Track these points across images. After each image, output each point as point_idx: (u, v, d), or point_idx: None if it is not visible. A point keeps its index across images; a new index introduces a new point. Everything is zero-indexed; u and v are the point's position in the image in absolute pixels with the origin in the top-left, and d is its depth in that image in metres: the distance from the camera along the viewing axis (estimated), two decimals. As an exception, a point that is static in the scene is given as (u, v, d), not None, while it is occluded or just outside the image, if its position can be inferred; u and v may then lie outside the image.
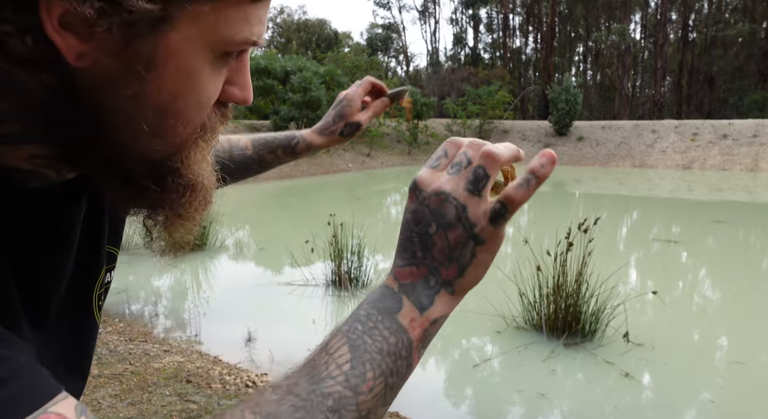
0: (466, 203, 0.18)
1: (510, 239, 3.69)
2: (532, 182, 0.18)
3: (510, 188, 0.18)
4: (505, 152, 0.19)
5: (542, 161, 0.19)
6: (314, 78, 8.58)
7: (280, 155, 0.40)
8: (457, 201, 0.18)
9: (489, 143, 0.19)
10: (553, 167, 0.18)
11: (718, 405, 1.32)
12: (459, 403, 1.38)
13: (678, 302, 2.20)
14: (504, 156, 0.19)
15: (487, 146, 0.19)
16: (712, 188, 7.17)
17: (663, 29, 18.62)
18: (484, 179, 0.18)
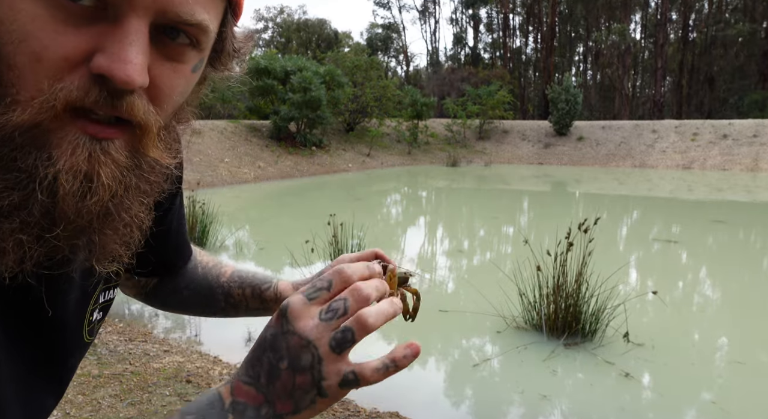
0: (324, 358, 0.18)
1: (510, 239, 3.67)
2: (390, 368, 0.19)
3: (367, 369, 0.18)
4: (378, 322, 0.18)
5: (406, 353, 0.19)
6: (314, 78, 8.49)
7: (247, 296, 0.33)
8: (317, 353, 0.18)
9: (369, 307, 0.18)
10: (414, 360, 0.19)
11: (719, 404, 1.33)
12: (459, 403, 1.38)
13: (678, 302, 2.20)
14: (376, 326, 0.18)
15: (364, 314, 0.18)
16: (712, 188, 7.17)
17: (663, 29, 18.62)
18: (350, 342, 0.18)
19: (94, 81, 0.15)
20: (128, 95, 0.16)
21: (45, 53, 0.15)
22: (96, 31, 0.15)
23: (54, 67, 0.15)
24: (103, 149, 0.16)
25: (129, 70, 0.15)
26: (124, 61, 0.15)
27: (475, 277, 2.55)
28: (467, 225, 4.33)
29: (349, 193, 6.41)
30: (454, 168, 9.95)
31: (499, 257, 2.96)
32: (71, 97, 0.15)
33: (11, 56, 0.15)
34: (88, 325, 0.25)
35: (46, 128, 0.15)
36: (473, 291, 2.09)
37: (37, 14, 0.15)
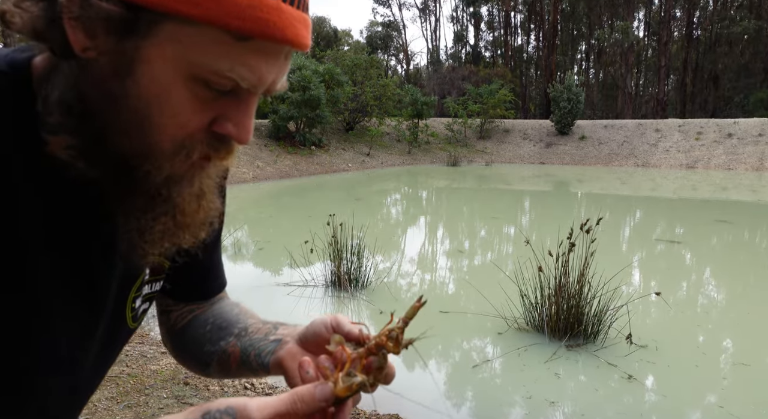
0: None
1: (511, 239, 3.65)
2: None
3: None
4: None
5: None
6: (313, 77, 8.45)
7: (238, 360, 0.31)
8: None
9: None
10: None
11: (724, 407, 1.31)
12: (460, 405, 1.37)
13: (682, 303, 2.17)
14: None
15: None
16: (717, 188, 7.11)
17: (667, 27, 18.46)
18: None
19: (217, 137, 0.22)
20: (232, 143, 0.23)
21: (189, 124, 0.21)
22: (223, 103, 0.21)
23: (192, 132, 0.21)
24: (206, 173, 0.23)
25: (248, 136, 0.22)
26: (247, 130, 0.22)
27: (475, 278, 2.53)
28: (468, 225, 4.30)
29: (349, 193, 6.40)
30: (454, 168, 9.92)
31: (500, 258, 2.94)
32: (203, 152, 0.22)
33: (158, 122, 0.20)
34: (131, 311, 0.28)
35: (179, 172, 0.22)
36: (474, 292, 2.08)
37: (186, 98, 0.20)
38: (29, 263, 0.21)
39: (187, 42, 0.19)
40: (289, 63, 0.22)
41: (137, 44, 0.19)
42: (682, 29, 20.40)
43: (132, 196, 0.21)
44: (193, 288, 0.34)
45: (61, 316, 0.23)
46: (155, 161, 0.21)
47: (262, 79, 0.21)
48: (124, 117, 0.20)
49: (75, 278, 0.23)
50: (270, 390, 1.33)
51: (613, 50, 20.17)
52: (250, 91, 0.21)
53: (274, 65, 0.21)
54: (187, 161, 0.21)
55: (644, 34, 22.03)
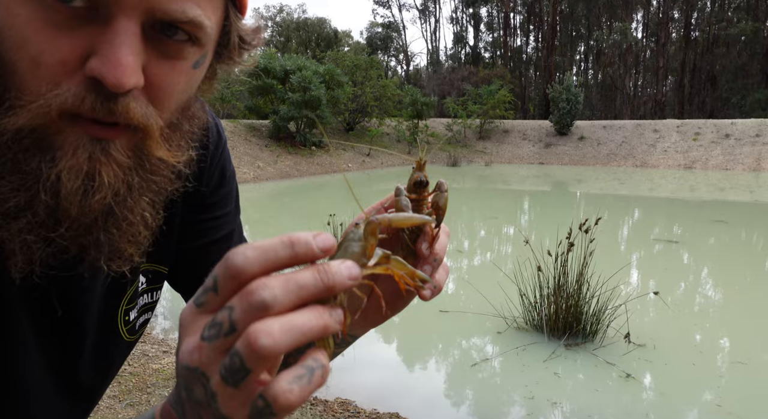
0: (216, 391, 0.12)
1: (510, 239, 3.66)
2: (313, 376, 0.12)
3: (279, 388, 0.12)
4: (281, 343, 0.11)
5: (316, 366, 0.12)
6: (314, 77, 8.46)
7: None
8: (208, 385, 0.13)
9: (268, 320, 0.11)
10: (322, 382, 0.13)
11: (722, 405, 1.32)
12: (459, 404, 1.37)
13: (680, 303, 2.19)
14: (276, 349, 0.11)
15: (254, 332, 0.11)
16: (714, 188, 7.13)
17: (665, 28, 18.54)
18: (242, 372, 0.12)
19: (90, 86, 0.16)
20: (123, 98, 0.16)
21: (42, 58, 0.15)
22: (89, 32, 0.15)
23: (52, 71, 0.15)
24: (104, 149, 0.16)
25: (120, 72, 0.15)
26: (114, 63, 0.15)
27: (475, 277, 2.54)
28: (467, 225, 4.31)
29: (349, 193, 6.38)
30: (454, 168, 9.93)
31: (499, 258, 2.95)
32: (66, 104, 0.15)
33: (13, 61, 0.15)
34: (125, 325, 0.25)
35: (47, 131, 0.16)
36: (473, 292, 2.08)
37: (31, 18, 0.15)
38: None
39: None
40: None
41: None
42: (680, 30, 20.48)
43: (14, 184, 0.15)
44: None
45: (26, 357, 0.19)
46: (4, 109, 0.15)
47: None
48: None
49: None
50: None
51: (612, 51, 20.27)
52: (113, 6, 0.15)
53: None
54: (46, 114, 0.15)
55: (642, 35, 22.11)
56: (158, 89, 0.17)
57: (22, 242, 0.16)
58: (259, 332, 0.11)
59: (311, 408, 1.24)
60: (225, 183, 0.28)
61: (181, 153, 0.19)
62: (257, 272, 0.12)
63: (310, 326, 0.12)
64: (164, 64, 0.17)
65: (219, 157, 0.28)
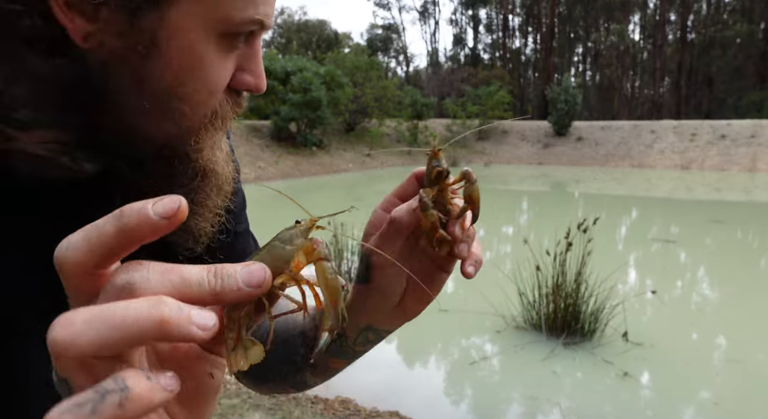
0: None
1: (509, 238, 3.70)
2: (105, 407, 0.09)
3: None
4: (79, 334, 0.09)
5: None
6: (314, 78, 8.52)
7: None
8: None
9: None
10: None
11: (717, 403, 1.33)
12: (458, 402, 1.39)
13: (676, 302, 2.21)
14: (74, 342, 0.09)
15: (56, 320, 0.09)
16: (711, 188, 7.18)
17: (662, 30, 18.70)
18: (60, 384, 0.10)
19: (230, 93, 0.19)
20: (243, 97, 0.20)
21: (217, 87, 0.18)
22: (237, 53, 0.18)
23: (218, 93, 0.18)
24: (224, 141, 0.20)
25: (263, 82, 0.19)
26: (261, 75, 0.19)
27: (474, 277, 2.57)
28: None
29: (350, 193, 6.41)
30: (453, 168, 9.77)
31: (498, 257, 2.97)
32: (219, 111, 0.19)
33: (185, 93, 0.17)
34: None
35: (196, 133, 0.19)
36: (473, 291, 2.09)
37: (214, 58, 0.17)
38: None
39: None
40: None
41: (159, 16, 0.16)
42: (677, 32, 20.67)
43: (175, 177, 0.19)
44: None
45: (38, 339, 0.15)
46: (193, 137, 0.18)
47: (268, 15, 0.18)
48: (146, 101, 0.17)
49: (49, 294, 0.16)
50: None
51: (610, 53, 20.38)
52: (258, 33, 0.18)
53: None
54: (216, 129, 0.19)
55: (640, 37, 22.30)
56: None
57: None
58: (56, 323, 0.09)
59: (311, 407, 1.24)
60: (237, 179, 0.29)
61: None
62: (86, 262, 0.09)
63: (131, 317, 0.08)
64: None
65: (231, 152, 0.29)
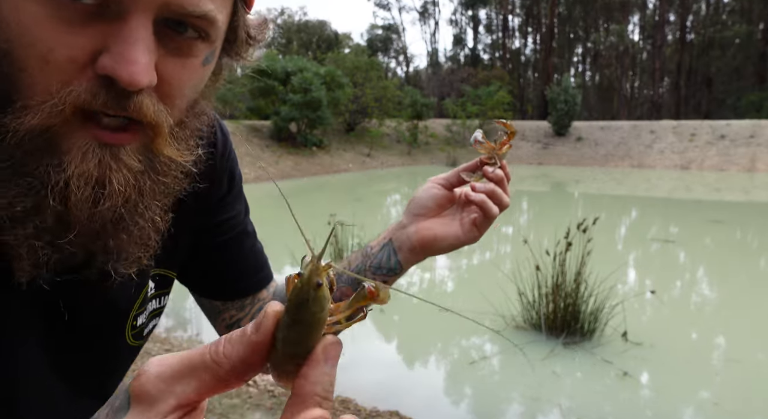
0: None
1: (509, 238, 3.68)
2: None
3: None
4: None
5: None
6: (315, 79, 8.51)
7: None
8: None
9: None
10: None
11: (716, 402, 1.34)
12: (458, 402, 1.39)
13: (676, 302, 2.21)
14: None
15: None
16: (710, 188, 7.18)
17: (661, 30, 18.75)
18: None
19: (102, 83, 0.15)
20: (136, 95, 0.16)
21: (51, 55, 0.15)
22: (100, 29, 0.15)
23: (61, 69, 0.15)
24: (114, 154, 0.16)
25: (134, 70, 0.15)
26: (128, 61, 0.15)
27: (474, 277, 2.57)
28: (467, 225, 4.37)
29: (350, 193, 6.41)
30: (453, 168, 9.94)
31: (498, 257, 2.96)
32: (79, 100, 0.15)
33: (21, 59, 0.15)
34: (132, 329, 0.25)
35: (56, 133, 0.15)
36: (473, 291, 2.11)
37: (40, 15, 0.14)
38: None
39: None
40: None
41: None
42: (676, 33, 20.67)
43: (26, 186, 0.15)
44: (235, 283, 0.30)
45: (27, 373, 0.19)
46: (15, 110, 0.14)
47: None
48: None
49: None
50: (272, 387, 1.35)
51: (609, 53, 20.43)
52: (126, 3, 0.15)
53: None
54: (59, 112, 0.15)
55: (639, 37, 22.34)
56: (169, 87, 0.17)
57: (29, 247, 0.16)
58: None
59: (313, 407, 1.24)
60: (234, 185, 0.28)
61: (190, 152, 0.19)
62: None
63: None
64: (175, 61, 0.17)
65: (228, 158, 0.28)
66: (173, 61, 0.17)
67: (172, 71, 0.17)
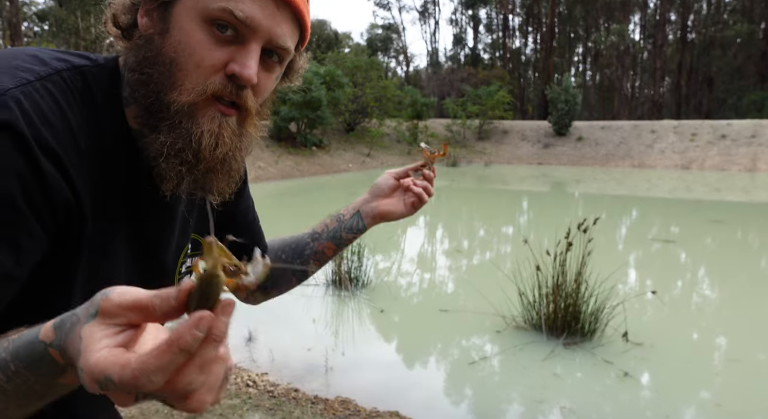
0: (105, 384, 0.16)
1: (509, 238, 3.68)
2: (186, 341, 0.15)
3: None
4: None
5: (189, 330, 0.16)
6: (314, 78, 8.54)
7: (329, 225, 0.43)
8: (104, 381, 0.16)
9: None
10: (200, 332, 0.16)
11: (717, 402, 1.34)
12: (458, 402, 1.38)
13: (677, 302, 2.21)
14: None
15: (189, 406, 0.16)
16: (711, 188, 7.18)
17: (662, 30, 18.73)
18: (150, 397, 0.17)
19: (228, 80, 0.26)
20: (245, 89, 0.27)
21: (202, 63, 0.26)
22: (231, 49, 0.26)
23: (206, 70, 0.26)
24: (226, 121, 0.27)
25: (250, 73, 0.26)
26: (248, 67, 0.26)
27: (474, 277, 2.56)
28: (467, 225, 4.34)
29: (350, 193, 6.41)
30: (454, 168, 9.94)
31: (498, 257, 2.96)
32: (215, 88, 0.26)
33: (182, 63, 0.26)
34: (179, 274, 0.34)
35: (198, 106, 0.26)
36: (473, 291, 2.10)
37: (200, 38, 0.26)
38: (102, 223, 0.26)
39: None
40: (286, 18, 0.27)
41: (172, 10, 0.26)
42: (677, 32, 20.64)
43: (160, 123, 0.26)
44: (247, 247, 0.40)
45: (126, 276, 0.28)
46: (177, 92, 0.26)
47: (254, 18, 0.25)
48: (162, 69, 0.26)
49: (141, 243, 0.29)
50: (272, 388, 1.35)
51: (610, 53, 20.41)
52: (249, 36, 0.26)
53: (266, 8, 0.26)
54: (203, 94, 0.26)
55: (640, 37, 22.29)
56: (260, 89, 0.28)
57: (176, 172, 0.26)
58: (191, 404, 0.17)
59: (311, 407, 1.24)
60: (246, 178, 0.39)
61: (258, 132, 0.29)
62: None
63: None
64: (265, 74, 0.28)
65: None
66: (264, 74, 0.28)
67: (263, 80, 0.28)
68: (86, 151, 0.25)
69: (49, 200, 0.23)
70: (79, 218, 0.25)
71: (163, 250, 0.31)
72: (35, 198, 0.23)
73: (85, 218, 0.25)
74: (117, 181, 0.27)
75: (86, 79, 0.26)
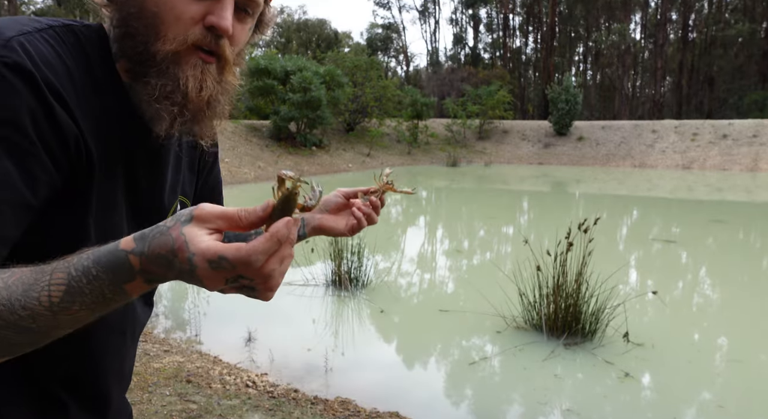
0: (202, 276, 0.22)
1: (510, 239, 3.67)
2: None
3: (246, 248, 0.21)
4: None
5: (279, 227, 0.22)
6: (314, 78, 8.51)
7: None
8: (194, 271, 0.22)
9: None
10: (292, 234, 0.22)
11: (718, 403, 1.33)
12: (459, 403, 1.38)
13: (677, 302, 2.20)
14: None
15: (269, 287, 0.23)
16: (712, 188, 7.18)
17: (663, 29, 18.68)
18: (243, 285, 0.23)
19: (207, 31, 0.29)
20: (223, 39, 0.29)
21: (181, 15, 0.28)
22: (208, 3, 0.29)
23: (186, 22, 0.28)
24: (207, 68, 0.30)
25: (227, 24, 0.29)
26: (225, 18, 0.29)
27: (475, 277, 2.56)
28: (467, 225, 4.33)
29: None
30: (454, 168, 9.97)
31: (498, 257, 2.96)
32: (196, 38, 0.29)
33: (163, 16, 0.28)
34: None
35: (181, 54, 0.29)
36: (473, 291, 2.09)
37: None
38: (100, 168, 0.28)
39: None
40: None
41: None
42: (678, 32, 20.60)
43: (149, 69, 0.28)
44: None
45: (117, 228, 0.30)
46: (161, 42, 0.28)
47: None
48: (146, 22, 0.28)
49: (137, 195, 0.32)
50: (271, 388, 1.34)
51: (610, 52, 20.34)
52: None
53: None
54: (184, 43, 0.28)
55: (641, 36, 22.20)
56: (235, 39, 0.30)
57: (169, 112, 0.29)
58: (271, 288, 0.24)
59: (311, 407, 1.24)
60: (217, 143, 0.42)
61: (236, 79, 0.32)
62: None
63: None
64: (239, 26, 0.30)
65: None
66: (238, 25, 0.30)
67: (237, 31, 0.30)
68: (85, 98, 0.27)
69: (60, 135, 0.25)
70: (87, 157, 0.27)
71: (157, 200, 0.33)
72: (46, 133, 0.25)
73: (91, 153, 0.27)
74: (113, 132, 0.29)
75: (77, 34, 0.28)
